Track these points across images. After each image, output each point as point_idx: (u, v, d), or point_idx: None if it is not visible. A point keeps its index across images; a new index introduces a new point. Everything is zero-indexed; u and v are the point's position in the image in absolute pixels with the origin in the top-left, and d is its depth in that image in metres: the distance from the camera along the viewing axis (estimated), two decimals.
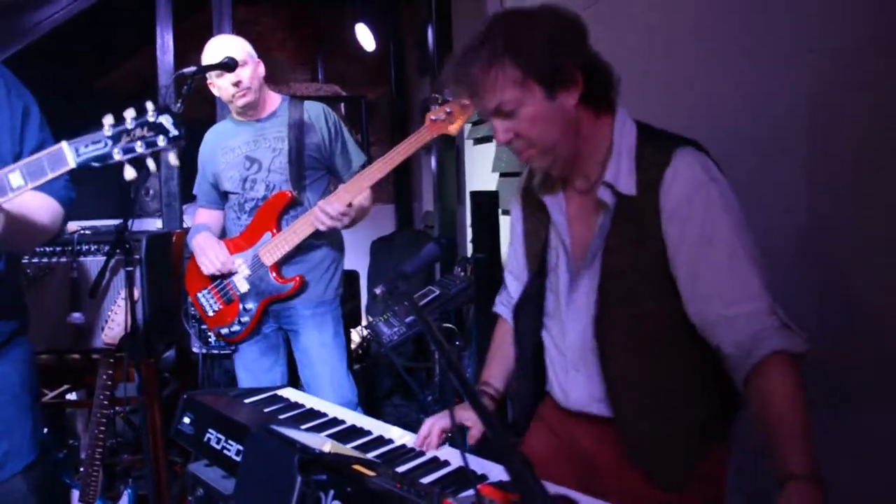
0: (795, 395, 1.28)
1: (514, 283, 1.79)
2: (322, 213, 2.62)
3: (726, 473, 1.57)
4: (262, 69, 2.82)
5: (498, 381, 1.79)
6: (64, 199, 1.73)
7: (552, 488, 1.41)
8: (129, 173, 1.42)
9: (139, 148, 1.40)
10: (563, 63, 1.40)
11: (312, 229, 2.68)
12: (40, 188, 1.49)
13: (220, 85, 2.74)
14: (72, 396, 3.44)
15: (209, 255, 2.75)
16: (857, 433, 1.80)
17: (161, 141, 1.41)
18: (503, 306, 1.86)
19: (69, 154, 1.39)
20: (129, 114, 1.40)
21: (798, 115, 1.92)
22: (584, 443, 1.61)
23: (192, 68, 2.54)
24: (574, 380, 1.57)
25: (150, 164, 1.43)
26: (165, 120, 1.41)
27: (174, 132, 1.41)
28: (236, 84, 2.71)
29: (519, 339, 1.72)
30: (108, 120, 1.39)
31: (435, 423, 1.68)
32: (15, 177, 1.39)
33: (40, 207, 1.65)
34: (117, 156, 1.40)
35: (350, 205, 2.66)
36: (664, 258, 1.43)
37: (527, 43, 1.39)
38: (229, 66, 2.62)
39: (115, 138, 1.39)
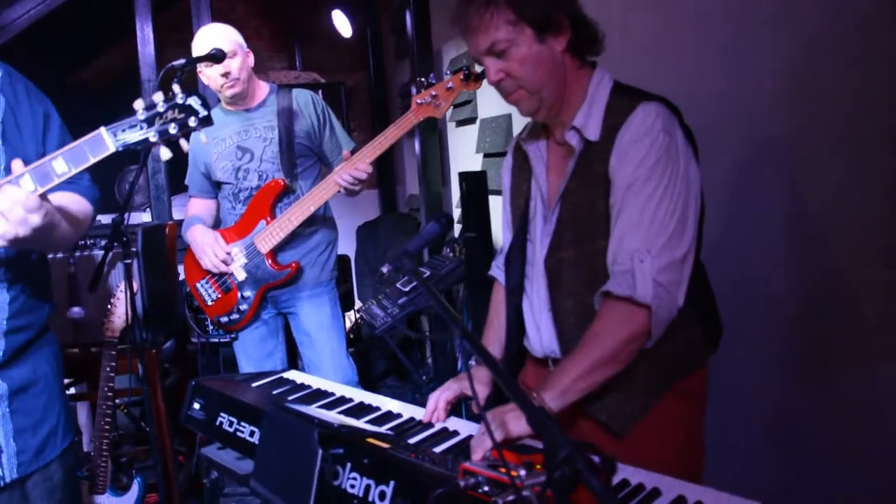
0: (599, 333, 1.42)
1: (509, 238, 1.85)
2: (346, 173, 2.63)
3: (693, 416, 1.64)
4: (251, 59, 2.85)
5: (495, 348, 1.85)
6: (92, 198, 1.77)
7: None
8: (165, 154, 1.47)
9: (172, 129, 1.45)
10: (553, 9, 1.51)
11: (306, 215, 2.72)
12: (69, 187, 1.52)
13: (209, 75, 2.77)
14: (71, 391, 3.47)
15: (208, 251, 2.79)
16: (835, 398, 1.89)
17: (192, 122, 1.46)
18: (498, 269, 1.92)
19: (108, 139, 1.43)
20: (159, 97, 1.44)
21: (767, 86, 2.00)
22: None
23: (182, 61, 2.54)
24: (546, 319, 1.66)
25: (184, 144, 1.48)
26: (194, 101, 1.46)
27: (203, 112, 1.46)
28: (225, 75, 2.73)
29: (508, 294, 1.79)
30: (140, 104, 1.43)
31: (440, 396, 1.73)
32: (58, 163, 1.42)
33: (74, 203, 1.69)
34: (153, 138, 1.44)
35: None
36: None
37: None
38: (217, 57, 2.63)
39: (149, 121, 1.44)
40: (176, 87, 1.45)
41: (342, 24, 6.66)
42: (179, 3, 5.11)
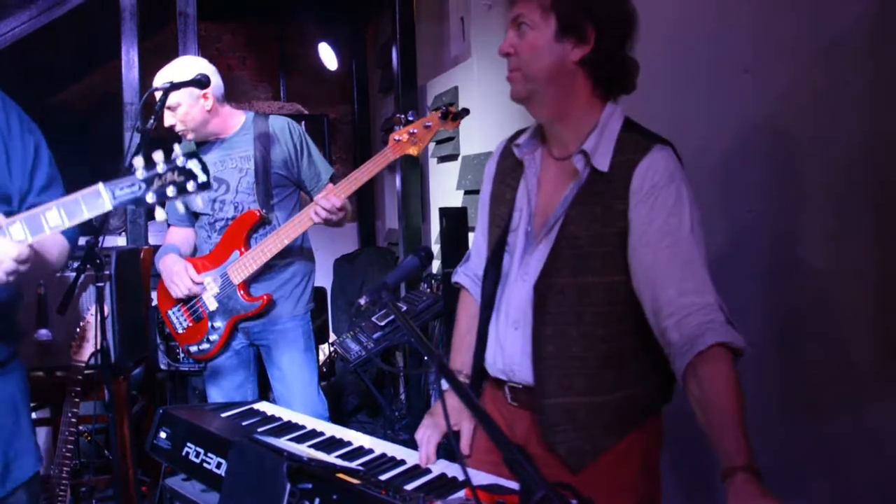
0: (734, 386, 1.35)
1: (482, 245, 1.82)
2: (319, 206, 2.61)
3: (650, 456, 1.63)
4: (208, 101, 2.76)
5: (468, 367, 1.80)
6: (71, 237, 1.76)
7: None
8: (160, 215, 1.45)
9: (170, 192, 1.42)
10: (585, 19, 1.50)
11: (280, 248, 2.68)
12: None
13: (167, 119, 2.73)
14: (34, 416, 3.38)
15: (176, 280, 2.75)
16: (823, 436, 1.89)
17: (190, 186, 1.43)
18: (465, 276, 1.89)
19: (106, 196, 1.41)
20: (158, 157, 1.42)
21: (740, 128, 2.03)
22: (518, 431, 1.64)
23: (166, 84, 2.55)
24: (512, 336, 1.62)
25: (179, 205, 1.49)
26: (194, 165, 1.43)
27: (202, 178, 1.44)
28: (172, 127, 2.73)
29: (482, 307, 1.74)
30: (140, 163, 1.41)
31: (431, 438, 1.69)
32: (52, 214, 1.40)
33: (54, 244, 1.68)
34: (150, 199, 1.42)
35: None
36: (623, 237, 1.50)
37: None
38: (202, 82, 2.62)
39: (149, 182, 1.41)
40: (177, 148, 1.43)
41: (328, 56, 6.71)
42: (166, 29, 5.12)
